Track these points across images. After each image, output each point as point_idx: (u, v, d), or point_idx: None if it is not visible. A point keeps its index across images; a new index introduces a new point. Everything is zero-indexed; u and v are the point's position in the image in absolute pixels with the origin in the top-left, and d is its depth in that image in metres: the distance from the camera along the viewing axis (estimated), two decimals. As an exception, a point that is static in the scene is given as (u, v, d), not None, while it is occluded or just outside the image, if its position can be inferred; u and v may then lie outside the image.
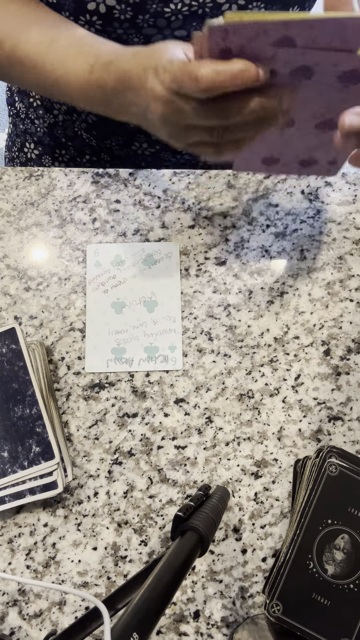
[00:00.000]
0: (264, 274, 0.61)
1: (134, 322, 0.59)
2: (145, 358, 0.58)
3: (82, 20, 0.58)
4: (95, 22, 0.58)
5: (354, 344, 0.59)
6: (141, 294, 0.60)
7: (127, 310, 0.60)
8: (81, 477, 0.54)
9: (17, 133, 0.84)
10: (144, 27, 0.59)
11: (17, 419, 0.53)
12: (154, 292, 0.60)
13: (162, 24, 0.59)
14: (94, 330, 0.59)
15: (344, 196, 0.65)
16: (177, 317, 0.59)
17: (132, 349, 0.58)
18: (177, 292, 0.60)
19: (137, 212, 0.64)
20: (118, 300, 0.60)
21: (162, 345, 0.58)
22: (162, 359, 0.58)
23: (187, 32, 0.60)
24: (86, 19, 0.58)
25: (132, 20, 0.58)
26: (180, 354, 0.58)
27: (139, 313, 0.60)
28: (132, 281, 0.61)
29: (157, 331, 0.59)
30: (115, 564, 0.51)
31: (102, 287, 0.60)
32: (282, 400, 0.57)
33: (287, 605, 0.47)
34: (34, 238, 0.63)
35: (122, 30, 0.59)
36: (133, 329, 0.59)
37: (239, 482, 0.54)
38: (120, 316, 0.59)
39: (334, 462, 0.51)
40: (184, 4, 0.58)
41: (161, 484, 0.54)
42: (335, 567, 0.48)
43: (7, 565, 0.51)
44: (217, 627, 0.50)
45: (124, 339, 0.59)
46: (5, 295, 0.60)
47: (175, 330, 0.59)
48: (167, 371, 0.57)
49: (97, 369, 0.57)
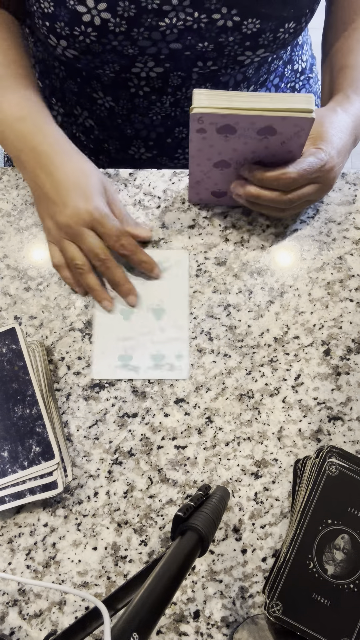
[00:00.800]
0: (264, 274, 0.61)
1: (141, 329, 0.59)
2: (151, 366, 0.58)
3: (77, 32, 0.59)
4: (90, 34, 0.59)
5: (354, 344, 0.59)
6: (149, 301, 0.60)
7: (135, 317, 0.59)
8: (81, 477, 0.54)
9: None
10: (138, 39, 0.59)
11: (17, 419, 0.53)
12: (162, 299, 0.60)
13: (156, 36, 0.59)
14: (102, 337, 0.58)
15: (344, 196, 0.65)
16: (184, 326, 0.59)
17: (139, 356, 0.58)
18: (185, 300, 0.60)
19: (137, 212, 0.64)
20: (126, 306, 0.60)
21: (168, 353, 0.58)
22: (169, 367, 0.57)
23: (181, 45, 0.61)
24: (81, 30, 0.58)
25: (127, 32, 0.58)
26: (187, 363, 0.58)
27: (146, 320, 0.59)
28: (140, 288, 0.60)
29: (164, 339, 0.59)
30: (115, 564, 0.51)
31: (111, 293, 0.60)
32: (282, 400, 0.57)
33: (287, 605, 0.47)
34: (34, 238, 0.63)
35: (117, 42, 0.59)
36: (140, 336, 0.59)
37: (239, 482, 0.54)
38: (128, 323, 0.59)
39: (334, 462, 0.51)
40: (179, 19, 0.58)
41: (161, 484, 0.54)
42: (335, 567, 0.48)
43: (7, 565, 0.51)
44: (217, 627, 0.50)
45: (131, 346, 0.58)
46: (5, 295, 0.60)
47: (182, 338, 0.58)
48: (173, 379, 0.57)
49: (104, 375, 0.57)
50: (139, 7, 0.56)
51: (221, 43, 0.61)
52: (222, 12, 0.58)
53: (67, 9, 0.57)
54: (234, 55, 0.63)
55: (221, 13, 0.58)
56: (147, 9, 0.57)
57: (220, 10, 0.58)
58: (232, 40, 0.61)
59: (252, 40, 0.61)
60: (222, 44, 0.61)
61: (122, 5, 0.56)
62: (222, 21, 0.59)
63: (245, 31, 0.60)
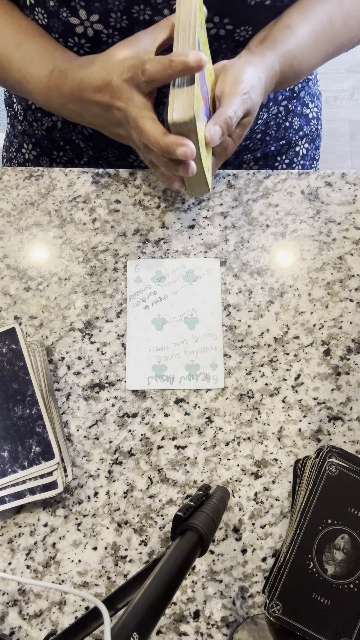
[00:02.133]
0: (264, 274, 0.61)
1: (174, 339, 0.59)
2: (186, 376, 0.57)
3: (71, 43, 0.59)
4: (83, 45, 0.59)
5: (354, 344, 0.59)
6: (182, 310, 0.60)
7: (168, 327, 0.59)
8: (81, 477, 0.54)
9: (15, 134, 0.84)
10: None
11: (17, 419, 0.53)
12: (195, 308, 0.60)
13: None
14: (135, 347, 0.58)
15: (344, 196, 0.65)
16: (218, 335, 0.59)
17: (173, 366, 0.58)
18: (218, 308, 0.60)
19: (137, 212, 0.64)
20: (159, 316, 0.60)
21: (203, 363, 0.58)
22: (204, 377, 0.57)
23: None
24: (75, 42, 0.59)
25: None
26: (222, 372, 0.57)
27: (179, 330, 0.59)
28: (172, 297, 0.60)
29: (198, 348, 0.58)
30: (115, 564, 0.51)
31: (142, 303, 0.60)
32: (282, 400, 0.57)
33: (287, 605, 0.47)
34: (34, 238, 0.63)
35: None
36: (174, 346, 0.58)
37: (239, 482, 0.54)
38: (161, 333, 0.59)
39: (334, 462, 0.51)
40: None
41: (161, 484, 0.54)
42: (335, 567, 0.48)
43: (7, 565, 0.51)
44: (217, 627, 0.50)
45: (165, 356, 0.58)
46: (5, 295, 0.60)
47: (216, 347, 0.58)
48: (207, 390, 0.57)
49: (139, 385, 0.57)
50: (131, 19, 0.57)
51: (214, 50, 0.62)
52: (214, 21, 0.58)
53: (61, 21, 0.58)
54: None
55: (213, 22, 0.58)
56: (139, 20, 0.57)
57: (213, 19, 0.58)
58: (225, 47, 0.61)
59: (245, 46, 0.61)
60: (216, 51, 0.62)
61: (114, 17, 0.56)
62: (215, 30, 0.59)
63: (238, 38, 0.60)
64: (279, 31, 0.59)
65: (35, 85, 0.59)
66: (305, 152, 0.84)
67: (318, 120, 0.85)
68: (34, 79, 0.59)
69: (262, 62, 0.57)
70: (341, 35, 0.63)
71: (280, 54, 0.58)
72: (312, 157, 0.87)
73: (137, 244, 0.62)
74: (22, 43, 0.59)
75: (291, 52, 0.59)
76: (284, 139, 0.81)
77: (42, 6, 0.58)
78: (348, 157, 1.72)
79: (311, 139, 0.85)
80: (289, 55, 0.59)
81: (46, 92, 0.58)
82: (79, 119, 0.59)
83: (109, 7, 0.56)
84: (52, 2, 0.57)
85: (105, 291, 0.61)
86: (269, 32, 0.59)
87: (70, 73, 0.55)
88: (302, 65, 0.61)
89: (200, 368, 0.57)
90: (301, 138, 0.83)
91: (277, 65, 0.58)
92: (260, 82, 0.56)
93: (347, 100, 1.82)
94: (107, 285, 0.61)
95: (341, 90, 1.83)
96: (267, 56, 0.57)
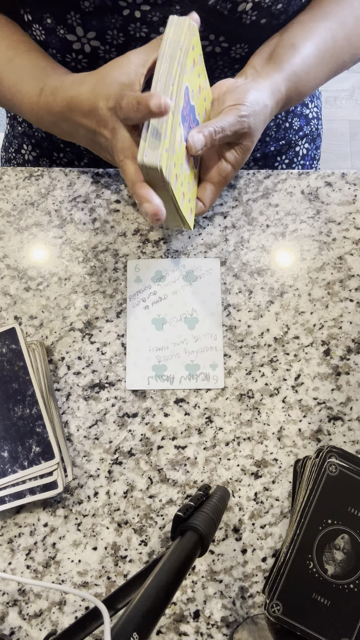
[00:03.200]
0: (264, 274, 0.61)
1: (174, 339, 0.59)
2: (186, 376, 0.57)
3: (69, 58, 0.59)
4: (81, 60, 0.59)
5: (354, 344, 0.59)
6: (182, 310, 0.60)
7: (168, 327, 0.59)
8: (81, 477, 0.54)
9: (14, 134, 0.83)
10: None
11: (17, 419, 0.53)
12: (195, 308, 0.60)
13: None
14: (135, 347, 0.58)
15: (344, 196, 0.65)
16: (218, 335, 0.59)
17: (173, 366, 0.58)
18: (218, 309, 0.60)
19: (137, 212, 0.64)
20: (159, 316, 0.59)
21: (203, 363, 0.58)
22: (204, 377, 0.57)
23: None
24: (72, 57, 0.59)
25: None
26: (222, 372, 0.57)
27: (179, 330, 0.59)
28: (172, 297, 0.60)
29: (198, 348, 0.58)
30: (115, 564, 0.51)
31: (142, 303, 0.60)
32: (282, 400, 0.57)
33: (287, 605, 0.47)
34: (34, 238, 0.63)
35: None
36: (174, 346, 0.58)
37: (239, 482, 0.54)
38: (161, 333, 0.59)
39: (334, 462, 0.51)
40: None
41: (161, 484, 0.54)
42: (335, 567, 0.48)
43: (7, 565, 0.51)
44: (217, 627, 0.50)
45: (165, 356, 0.58)
46: (5, 295, 0.60)
47: (216, 348, 0.58)
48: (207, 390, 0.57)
49: (139, 386, 0.57)
50: (127, 36, 0.57)
51: (210, 66, 0.62)
52: (209, 39, 0.58)
53: (58, 37, 0.58)
54: (224, 77, 0.63)
55: (209, 40, 0.59)
56: (135, 37, 0.57)
57: (208, 37, 0.58)
58: (222, 64, 0.62)
59: (242, 63, 0.61)
60: (212, 67, 0.62)
61: (110, 34, 0.57)
62: (211, 47, 0.59)
63: (234, 56, 0.61)
64: (284, 50, 0.58)
65: (25, 103, 0.58)
66: (305, 152, 0.84)
67: (318, 120, 0.85)
68: (24, 97, 0.58)
69: (269, 86, 0.56)
70: (344, 54, 0.63)
71: (287, 77, 0.58)
72: (312, 157, 0.87)
73: (137, 244, 0.62)
74: (13, 59, 0.59)
75: (297, 74, 0.58)
76: (283, 139, 0.81)
77: (39, 23, 0.59)
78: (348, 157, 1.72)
79: (311, 139, 0.85)
80: (295, 77, 0.58)
81: (37, 111, 0.58)
82: (71, 138, 0.58)
83: (106, 24, 0.56)
84: (49, 19, 0.57)
85: (105, 291, 0.61)
86: (274, 51, 0.58)
87: (60, 92, 0.54)
88: (307, 87, 0.61)
89: (200, 368, 0.57)
90: (301, 138, 0.83)
91: (284, 89, 0.58)
92: (265, 110, 0.55)
93: (347, 100, 1.82)
94: (107, 285, 0.61)
95: (341, 90, 1.83)
96: (273, 78, 0.57)
